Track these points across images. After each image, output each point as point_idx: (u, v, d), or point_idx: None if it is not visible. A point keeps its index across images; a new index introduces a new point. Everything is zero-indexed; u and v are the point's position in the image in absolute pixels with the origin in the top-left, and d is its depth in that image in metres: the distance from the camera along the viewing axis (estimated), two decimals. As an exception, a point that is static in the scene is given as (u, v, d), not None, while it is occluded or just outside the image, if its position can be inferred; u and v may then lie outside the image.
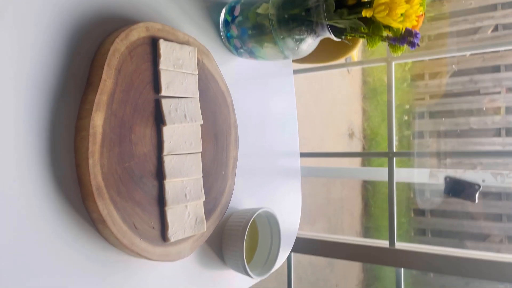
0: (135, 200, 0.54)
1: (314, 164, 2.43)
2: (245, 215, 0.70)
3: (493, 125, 3.24)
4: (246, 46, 0.72)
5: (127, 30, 0.54)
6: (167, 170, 0.58)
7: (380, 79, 4.12)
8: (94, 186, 0.48)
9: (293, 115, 0.98)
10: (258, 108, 0.86)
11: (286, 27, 0.64)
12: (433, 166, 2.44)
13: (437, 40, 3.43)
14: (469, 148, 3.33)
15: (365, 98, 4.21)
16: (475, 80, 3.29)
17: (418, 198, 3.42)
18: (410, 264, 1.27)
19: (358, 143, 4.09)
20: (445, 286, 3.19)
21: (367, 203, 3.93)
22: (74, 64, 0.51)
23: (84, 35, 0.53)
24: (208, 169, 0.66)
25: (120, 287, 0.55)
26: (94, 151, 0.49)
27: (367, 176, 3.31)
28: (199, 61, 0.66)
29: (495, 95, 3.29)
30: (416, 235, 3.49)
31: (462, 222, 3.23)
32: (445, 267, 1.19)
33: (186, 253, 0.61)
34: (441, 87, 3.53)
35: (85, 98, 0.51)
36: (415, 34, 0.58)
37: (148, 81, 0.57)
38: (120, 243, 0.51)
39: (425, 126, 3.60)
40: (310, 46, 0.68)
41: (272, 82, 0.91)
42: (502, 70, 3.21)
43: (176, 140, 0.60)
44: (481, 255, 1.17)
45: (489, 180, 1.90)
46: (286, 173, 0.94)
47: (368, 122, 4.17)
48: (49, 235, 0.47)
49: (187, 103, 0.62)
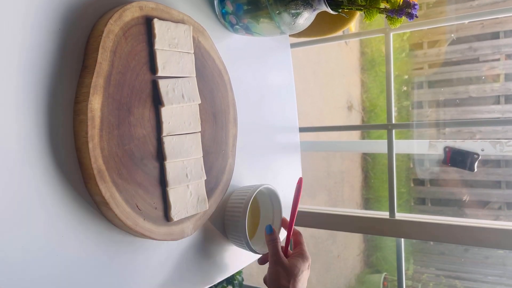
0: (137, 182, 0.54)
1: (314, 138, 2.43)
2: (246, 192, 0.71)
3: (492, 93, 3.22)
4: (241, 22, 0.71)
5: (120, 11, 0.53)
6: (167, 151, 0.58)
7: (378, 50, 4.07)
8: (95, 169, 0.49)
9: (291, 90, 0.97)
10: (256, 85, 0.85)
11: (282, 2, 0.63)
12: (432, 136, 2.45)
13: (436, 7, 3.37)
14: (468, 117, 3.33)
15: (363, 70, 4.18)
16: (474, 48, 3.25)
17: (418, 168, 3.45)
18: (410, 234, 1.29)
19: (357, 115, 4.08)
20: (444, 253, 3.26)
21: (367, 175, 3.96)
22: (68, 47, 0.50)
23: (77, 17, 0.52)
24: (208, 148, 0.66)
25: (126, 267, 0.56)
26: (94, 135, 0.49)
27: (367, 149, 3.33)
28: (195, 39, 0.65)
29: (494, 63, 3.26)
30: (416, 204, 3.54)
31: (461, 190, 3.26)
32: (444, 236, 1.22)
33: (189, 231, 0.62)
34: (439, 56, 3.50)
35: (81, 82, 0.51)
36: (413, 5, 0.57)
37: (144, 62, 0.57)
38: (124, 224, 0.52)
39: (424, 96, 3.59)
40: (306, 20, 0.67)
41: (269, 58, 0.90)
42: (501, 36, 3.17)
43: (175, 121, 0.60)
44: (478, 223, 1.19)
45: (488, 148, 1.91)
46: (286, 148, 0.95)
47: (367, 94, 4.15)
48: (52, 219, 0.48)
49: (184, 83, 0.62)
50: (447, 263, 3.27)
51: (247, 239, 0.68)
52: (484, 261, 3.08)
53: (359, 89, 4.15)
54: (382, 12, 0.61)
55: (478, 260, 3.12)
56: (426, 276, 3.36)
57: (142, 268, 0.58)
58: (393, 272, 3.21)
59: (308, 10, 0.64)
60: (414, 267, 3.35)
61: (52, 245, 0.47)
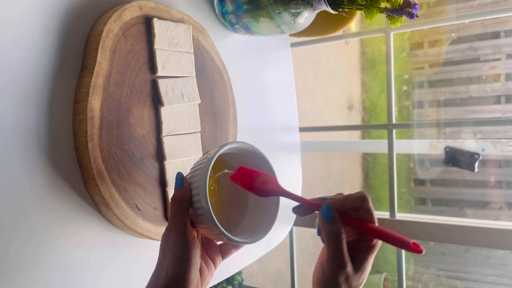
0: (136, 182, 0.54)
1: (314, 138, 2.43)
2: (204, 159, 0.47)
3: (492, 93, 3.22)
4: (241, 21, 0.71)
5: (119, 10, 0.53)
6: (166, 151, 0.58)
7: (378, 49, 4.07)
8: (94, 169, 0.49)
9: (291, 90, 0.97)
10: (256, 84, 0.85)
11: (282, 1, 0.63)
12: (432, 136, 2.44)
13: (436, 7, 3.36)
14: (469, 116, 3.32)
15: (363, 69, 4.17)
16: (474, 48, 3.25)
17: (418, 168, 3.44)
18: (411, 234, 1.29)
19: (357, 115, 4.08)
20: (445, 254, 3.25)
21: (367, 175, 3.95)
22: (68, 47, 0.50)
23: (76, 16, 0.52)
24: (208, 148, 0.66)
25: (125, 267, 0.56)
26: (93, 134, 0.49)
27: (367, 149, 3.32)
28: (195, 39, 0.65)
29: (495, 62, 3.26)
30: (417, 204, 3.53)
31: (462, 190, 3.25)
32: (445, 236, 1.21)
33: (189, 231, 0.62)
34: (440, 55, 3.49)
35: (81, 81, 0.51)
36: (414, 4, 0.57)
37: (144, 62, 0.57)
38: (124, 225, 0.52)
39: (425, 96, 3.58)
40: (307, 20, 0.67)
41: (269, 57, 0.90)
42: (502, 36, 3.17)
43: (174, 120, 0.59)
44: (478, 223, 1.19)
45: (489, 148, 1.91)
46: (286, 148, 0.95)
47: (367, 94, 4.14)
48: (52, 219, 0.48)
49: (184, 83, 0.62)
50: (447, 263, 3.26)
51: (219, 229, 0.44)
52: (484, 261, 3.07)
53: (359, 89, 4.15)
54: (382, 12, 0.60)
55: (479, 260, 3.12)
56: (427, 276, 3.35)
57: (141, 268, 0.58)
58: (394, 272, 3.21)
59: (308, 9, 0.64)
60: (414, 267, 3.35)
61: (51, 245, 0.47)
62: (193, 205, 0.45)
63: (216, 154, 0.45)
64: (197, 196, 0.44)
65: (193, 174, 0.46)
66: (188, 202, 0.45)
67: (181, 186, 0.45)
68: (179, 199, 0.44)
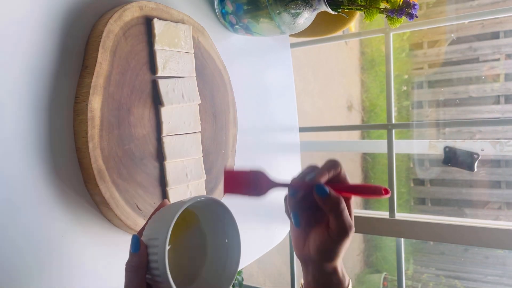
0: (137, 182, 0.54)
1: (314, 138, 2.43)
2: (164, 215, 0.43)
3: (492, 93, 3.22)
4: (241, 22, 0.71)
5: (120, 11, 0.53)
6: (167, 151, 0.58)
7: (378, 50, 4.07)
8: (95, 169, 0.49)
9: (291, 90, 0.97)
10: (256, 85, 0.85)
11: (282, 2, 0.63)
12: (432, 136, 2.45)
13: (436, 7, 3.37)
14: (468, 116, 3.32)
15: (363, 69, 4.18)
16: (474, 48, 3.25)
17: (418, 168, 3.45)
18: (410, 234, 1.29)
19: (357, 115, 4.08)
20: (444, 253, 3.26)
21: (367, 175, 3.96)
22: (68, 47, 0.50)
23: (77, 17, 0.52)
24: (208, 148, 0.66)
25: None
26: (94, 134, 0.49)
27: (367, 149, 3.33)
28: (195, 39, 0.65)
29: (494, 63, 3.26)
30: (416, 204, 3.54)
31: (461, 190, 3.26)
32: (444, 235, 1.22)
33: (189, 231, 0.62)
34: (439, 55, 3.50)
35: (81, 82, 0.51)
36: (413, 5, 0.57)
37: (144, 62, 0.57)
38: (124, 224, 0.52)
39: (424, 96, 3.59)
40: (306, 20, 0.67)
41: (269, 57, 0.90)
42: (501, 36, 3.17)
43: (174, 121, 0.60)
44: (478, 223, 1.19)
45: (488, 148, 1.91)
46: (286, 148, 0.95)
47: (367, 94, 4.15)
48: (52, 219, 0.48)
49: (184, 83, 0.62)
50: (447, 263, 3.27)
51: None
52: (484, 261, 3.08)
53: (359, 89, 4.15)
54: (382, 12, 0.61)
55: (478, 260, 3.12)
56: (426, 276, 3.36)
57: (142, 268, 0.58)
58: (393, 272, 3.21)
59: (308, 10, 0.64)
60: (414, 267, 3.35)
61: (52, 244, 0.47)
62: (150, 271, 0.41)
63: (174, 219, 0.40)
64: (155, 262, 0.40)
65: (150, 238, 0.41)
66: (145, 269, 0.41)
67: (137, 251, 0.41)
68: (135, 266, 0.40)
